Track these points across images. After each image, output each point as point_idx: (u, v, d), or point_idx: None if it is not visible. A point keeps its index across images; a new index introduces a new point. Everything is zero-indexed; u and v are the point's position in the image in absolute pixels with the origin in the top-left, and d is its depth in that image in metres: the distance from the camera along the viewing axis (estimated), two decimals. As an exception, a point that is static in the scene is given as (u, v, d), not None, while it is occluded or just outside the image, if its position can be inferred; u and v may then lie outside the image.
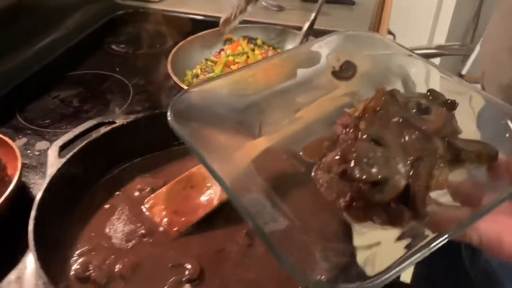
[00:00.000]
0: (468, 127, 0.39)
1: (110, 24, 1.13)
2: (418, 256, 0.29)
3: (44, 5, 1.02)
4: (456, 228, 0.31)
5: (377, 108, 0.37)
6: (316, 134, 0.41)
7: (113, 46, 1.04)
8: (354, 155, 0.34)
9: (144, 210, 0.58)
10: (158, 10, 1.21)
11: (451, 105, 0.39)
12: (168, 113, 0.41)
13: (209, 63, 0.85)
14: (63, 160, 0.58)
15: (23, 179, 0.67)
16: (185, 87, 0.76)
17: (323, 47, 0.51)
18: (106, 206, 0.59)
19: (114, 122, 0.65)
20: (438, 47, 0.91)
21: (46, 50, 0.97)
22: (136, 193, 0.60)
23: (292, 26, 1.12)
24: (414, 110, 0.37)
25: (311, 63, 0.50)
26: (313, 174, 0.37)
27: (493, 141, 0.38)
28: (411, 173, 0.33)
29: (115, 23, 1.14)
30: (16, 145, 0.73)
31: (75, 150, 0.59)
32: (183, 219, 0.56)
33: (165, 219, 0.56)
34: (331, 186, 0.35)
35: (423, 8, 1.93)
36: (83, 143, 0.60)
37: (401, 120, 0.35)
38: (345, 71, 0.48)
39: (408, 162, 0.34)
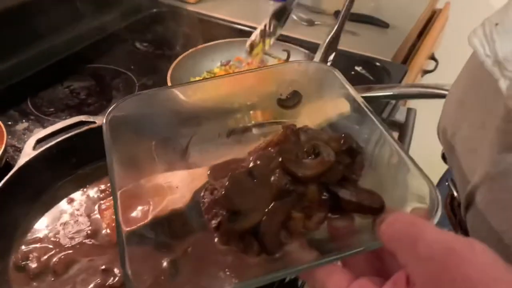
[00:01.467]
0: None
1: (142, 21, 1.18)
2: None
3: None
4: (289, 270, 0.32)
5: (276, 143, 0.39)
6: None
7: (137, 44, 1.09)
8: (228, 182, 0.36)
9: (96, 211, 0.62)
10: (193, 12, 1.24)
11: (352, 153, 0.39)
12: (104, 121, 0.41)
13: (209, 75, 0.87)
14: (34, 153, 0.63)
15: (12, 163, 0.73)
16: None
17: (284, 73, 0.51)
18: (67, 200, 0.63)
19: (94, 122, 0.69)
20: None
21: (75, 40, 1.04)
22: (96, 194, 0.64)
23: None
24: (306, 153, 0.38)
25: (267, 87, 0.51)
26: (202, 193, 0.39)
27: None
28: (267, 210, 0.35)
29: (147, 21, 1.19)
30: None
31: (46, 146, 0.64)
32: (126, 226, 0.59)
33: (113, 224, 0.60)
34: (210, 207, 0.37)
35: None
36: (56, 140, 0.65)
37: (280, 160, 0.37)
38: (289, 100, 0.49)
39: (271, 201, 0.35)
